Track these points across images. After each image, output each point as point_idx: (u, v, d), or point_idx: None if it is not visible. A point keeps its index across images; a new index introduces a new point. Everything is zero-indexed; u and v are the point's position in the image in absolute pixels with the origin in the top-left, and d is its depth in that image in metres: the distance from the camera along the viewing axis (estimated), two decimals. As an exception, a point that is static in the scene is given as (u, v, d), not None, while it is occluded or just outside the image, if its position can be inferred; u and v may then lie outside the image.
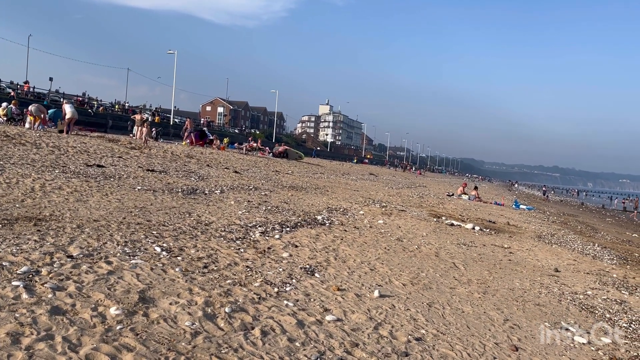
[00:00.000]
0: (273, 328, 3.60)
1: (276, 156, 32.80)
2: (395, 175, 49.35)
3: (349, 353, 3.43)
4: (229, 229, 6.91)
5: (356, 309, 4.41)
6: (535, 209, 27.36)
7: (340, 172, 31.73)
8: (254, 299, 4.13)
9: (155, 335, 3.11)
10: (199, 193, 10.06)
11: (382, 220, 10.68)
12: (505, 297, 5.89)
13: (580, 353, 4.35)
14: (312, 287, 4.85)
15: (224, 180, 13.33)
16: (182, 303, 3.71)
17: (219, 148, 28.17)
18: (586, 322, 5.38)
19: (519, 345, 4.24)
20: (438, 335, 4.11)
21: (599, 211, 43.57)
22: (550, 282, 7.12)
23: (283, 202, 10.93)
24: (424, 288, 5.63)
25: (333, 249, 6.90)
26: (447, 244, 9.06)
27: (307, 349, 3.37)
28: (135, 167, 12.72)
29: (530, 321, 5.07)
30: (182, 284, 4.14)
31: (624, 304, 6.37)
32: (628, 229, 23.46)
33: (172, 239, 5.71)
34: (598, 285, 7.43)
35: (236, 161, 21.83)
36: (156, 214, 7.06)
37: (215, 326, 3.44)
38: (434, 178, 67.20)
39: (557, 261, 9.13)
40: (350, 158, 74.53)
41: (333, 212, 10.66)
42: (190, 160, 17.59)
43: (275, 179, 17.17)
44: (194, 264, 4.84)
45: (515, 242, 10.93)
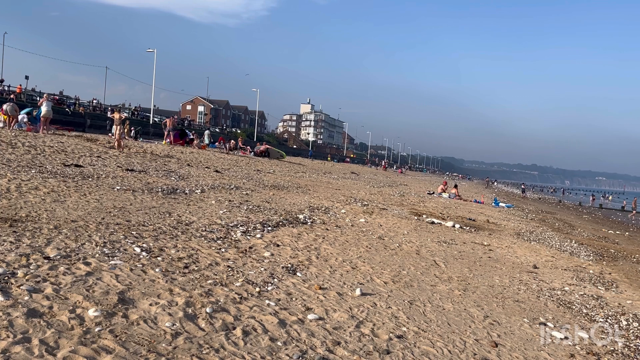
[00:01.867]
0: (255, 328, 3.59)
1: (258, 155, 32.70)
2: (377, 173, 49.55)
3: (330, 352, 3.44)
4: (209, 228, 6.86)
5: (338, 307, 4.41)
6: (514, 207, 27.74)
7: (322, 171, 31.75)
8: (235, 299, 4.11)
9: (134, 336, 3.08)
10: (179, 193, 9.98)
11: (364, 218, 10.72)
12: (485, 294, 5.95)
13: (558, 348, 4.42)
14: (294, 286, 4.84)
15: (205, 180, 13.23)
16: (162, 304, 3.67)
17: (200, 147, 27.96)
18: (564, 317, 5.47)
19: (499, 341, 4.29)
20: (419, 333, 4.14)
21: (576, 208, 44.36)
22: (529, 279, 7.22)
23: (265, 201, 10.89)
24: (405, 286, 5.67)
25: (315, 247, 6.90)
26: (428, 241, 9.13)
27: (289, 348, 3.36)
28: (114, 166, 12.56)
29: (510, 317, 5.14)
30: (162, 285, 4.11)
31: (601, 300, 6.50)
32: (604, 226, 23.92)
33: (152, 239, 5.65)
34: (575, 282, 7.56)
35: (217, 160, 21.69)
36: (136, 214, 6.97)
37: (196, 326, 3.42)
38: (415, 176, 67.67)
39: (536, 258, 9.26)
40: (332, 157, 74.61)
41: (315, 211, 10.66)
42: (170, 160, 17.43)
43: (257, 178, 17.11)
44: (175, 264, 4.80)
45: (495, 239, 11.06)
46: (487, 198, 30.16)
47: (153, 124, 48.58)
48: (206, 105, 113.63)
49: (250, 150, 34.61)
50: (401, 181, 38.78)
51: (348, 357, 3.40)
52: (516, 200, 39.84)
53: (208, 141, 33.79)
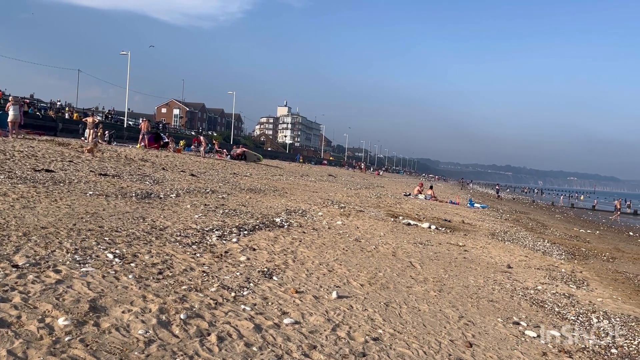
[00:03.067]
0: (230, 333, 3.56)
1: (234, 158, 32.49)
2: (354, 175, 49.74)
3: (306, 356, 3.43)
4: (184, 233, 6.79)
5: (314, 311, 4.41)
6: (489, 207, 28.15)
7: (299, 174, 31.72)
8: (210, 305, 4.07)
9: (106, 345, 3.02)
10: (153, 197, 9.85)
11: (341, 221, 10.74)
12: (460, 294, 6.02)
13: (531, 347, 4.49)
14: (270, 290, 4.82)
15: (180, 184, 13.09)
16: (135, 311, 3.61)
17: (175, 150, 27.67)
18: (536, 316, 5.56)
19: (473, 342, 4.34)
20: (395, 335, 4.16)
21: (549, 208, 45.25)
22: (503, 279, 7.33)
23: (241, 204, 10.83)
24: (382, 288, 5.69)
25: (291, 251, 6.88)
26: (404, 243, 9.20)
27: (265, 353, 3.34)
28: (87, 171, 12.34)
29: (484, 317, 5.20)
30: (135, 291, 4.04)
31: (572, 298, 6.63)
32: (576, 225, 24.45)
33: (125, 245, 5.56)
34: (548, 280, 7.70)
35: (193, 164, 21.49)
36: (109, 220, 6.85)
37: (170, 333, 3.37)
38: (392, 178, 68.13)
39: (510, 258, 9.41)
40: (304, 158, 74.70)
41: (292, 214, 10.64)
42: (144, 164, 17.20)
43: (233, 181, 17.00)
44: (148, 270, 4.73)
45: (470, 240, 11.20)
46: (463, 199, 30.53)
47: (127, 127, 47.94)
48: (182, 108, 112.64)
49: (227, 153, 34.37)
50: (378, 183, 39.00)
51: (324, 361, 3.39)
52: (491, 201, 40.44)
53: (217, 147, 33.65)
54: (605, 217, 39.32)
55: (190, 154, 28.91)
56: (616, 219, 37.30)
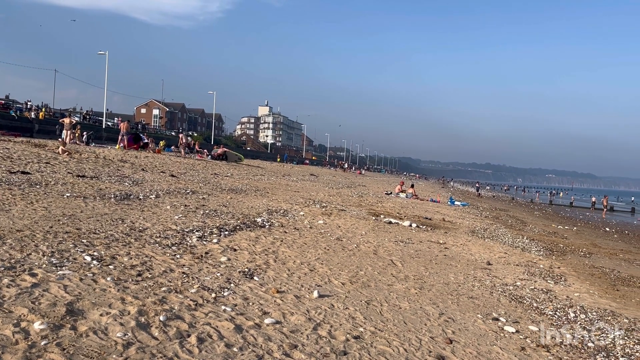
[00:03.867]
0: (210, 334, 3.54)
1: (215, 158, 32.28)
2: (336, 175, 49.80)
3: (287, 355, 3.42)
4: (164, 234, 6.73)
5: (295, 310, 4.40)
6: (469, 205, 28.44)
7: (281, 174, 31.65)
8: (190, 306, 4.04)
9: (83, 349, 2.98)
10: (133, 198, 9.74)
11: (322, 220, 10.75)
12: (440, 291, 6.07)
13: (509, 342, 4.55)
14: (251, 290, 4.80)
15: (160, 185, 12.97)
16: (113, 313, 3.57)
17: (155, 151, 27.39)
18: (515, 312, 5.63)
19: (453, 338, 4.38)
20: (376, 333, 4.17)
21: (528, 205, 45.88)
22: (483, 275, 7.41)
23: (222, 205, 10.77)
24: (363, 286, 5.71)
25: (273, 251, 6.87)
26: (385, 241, 9.24)
27: (245, 353, 3.33)
28: (64, 173, 12.14)
29: (464, 314, 5.25)
30: (114, 294, 3.99)
31: (550, 293, 6.73)
32: (554, 222, 24.83)
33: (103, 247, 5.49)
34: (526, 276, 7.81)
35: (173, 164, 21.30)
36: (86, 222, 6.76)
37: (149, 336, 3.34)
38: (373, 177, 68.40)
39: (489, 254, 9.52)
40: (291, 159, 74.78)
41: (273, 214, 10.61)
42: (124, 165, 16.99)
43: (214, 182, 16.90)
44: (127, 272, 4.67)
45: (451, 237, 11.30)
46: (443, 197, 30.78)
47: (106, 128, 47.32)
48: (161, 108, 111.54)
49: (208, 153, 34.14)
50: (360, 182, 39.13)
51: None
52: (471, 199, 40.84)
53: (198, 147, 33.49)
54: (583, 213, 40.02)
55: (171, 155, 28.64)
56: (604, 215, 37.96)
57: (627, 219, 39.02)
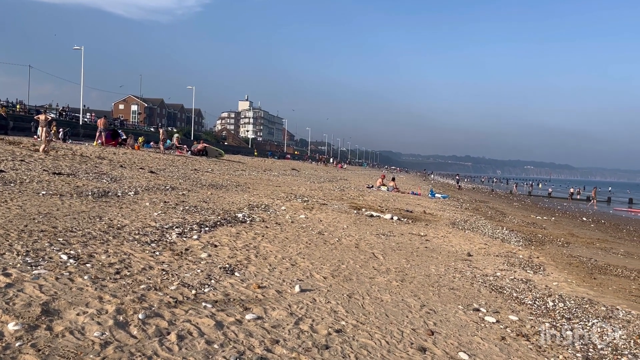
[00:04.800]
0: (190, 332, 3.49)
1: (195, 154, 32.00)
2: (317, 169, 49.78)
3: (269, 351, 3.40)
4: (143, 231, 6.63)
5: (277, 305, 4.38)
6: (450, 197, 28.67)
7: (262, 169, 31.53)
8: (170, 303, 3.98)
9: (59, 349, 2.91)
10: (111, 195, 9.58)
11: (304, 214, 10.73)
12: (422, 283, 6.10)
13: (490, 332, 4.59)
14: (231, 286, 4.76)
15: (139, 181, 12.79)
16: (90, 313, 3.50)
17: (134, 147, 27.03)
18: (496, 302, 5.69)
19: (435, 329, 4.40)
20: (358, 326, 4.17)
21: (507, 196, 46.49)
22: (464, 267, 7.47)
23: (202, 201, 10.67)
24: (344, 280, 5.71)
25: (254, 246, 6.83)
26: (367, 235, 9.26)
27: (226, 350, 3.30)
28: (39, 170, 11.90)
29: (445, 305, 5.29)
30: (91, 292, 3.92)
31: (529, 283, 6.82)
32: (532, 212, 25.19)
33: (80, 245, 5.39)
34: (506, 267, 7.90)
35: (152, 161, 21.05)
36: (63, 220, 6.63)
37: (127, 334, 3.28)
38: (355, 171, 68.52)
39: (470, 246, 9.61)
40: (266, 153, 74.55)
41: (254, 209, 10.55)
42: (102, 162, 16.74)
43: (194, 177, 16.74)
44: (105, 271, 4.59)
45: (431, 229, 11.37)
46: (424, 190, 31.00)
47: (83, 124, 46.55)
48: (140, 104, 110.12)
49: (187, 149, 33.80)
50: (341, 176, 39.16)
51: (287, 355, 3.37)
52: (451, 191, 41.20)
53: (177, 143, 33.07)
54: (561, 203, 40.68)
55: (150, 151, 28.30)
56: (593, 206, 38.47)
57: (604, 208, 39.80)
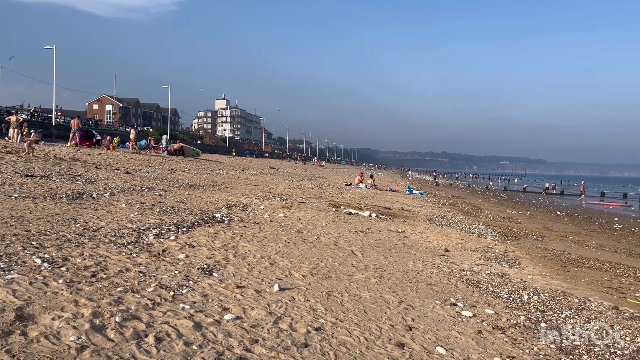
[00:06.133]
0: (168, 333, 3.47)
1: (171, 154, 31.68)
2: (296, 167, 49.76)
3: (248, 350, 3.40)
4: (119, 233, 6.55)
5: (256, 305, 4.38)
6: (427, 194, 28.96)
7: (240, 168, 31.39)
8: (147, 305, 3.95)
9: (34, 355, 2.87)
10: (86, 197, 9.44)
11: (283, 213, 10.72)
12: (400, 279, 6.16)
13: (467, 326, 4.66)
14: (210, 287, 4.74)
15: (115, 182, 12.62)
16: (66, 317, 3.45)
17: (109, 148, 26.63)
18: (472, 296, 5.78)
19: (413, 325, 4.45)
20: (337, 323, 4.20)
21: (484, 192, 47.13)
22: (441, 262, 7.57)
23: (179, 201, 10.58)
24: (323, 278, 5.73)
25: (232, 246, 6.80)
26: (346, 232, 9.30)
27: (205, 351, 3.29)
28: (11, 173, 11.64)
29: (423, 301, 5.35)
30: (66, 296, 3.86)
31: (505, 277, 6.94)
32: (508, 207, 25.59)
33: (54, 248, 5.30)
34: (483, 261, 8.02)
35: (128, 161, 20.77)
36: (36, 223, 6.50)
37: (104, 338, 3.25)
38: (333, 169, 68.69)
39: (447, 241, 9.72)
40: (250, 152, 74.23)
41: (232, 208, 10.51)
42: (76, 163, 16.45)
43: (171, 178, 16.58)
44: (80, 274, 4.53)
45: (409, 226, 11.48)
46: (402, 186, 31.24)
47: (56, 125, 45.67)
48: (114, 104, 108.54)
49: (164, 149, 33.43)
50: (320, 174, 39.21)
51: (266, 355, 3.38)
52: (429, 187, 41.61)
53: (166, 145, 32.71)
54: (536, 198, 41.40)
55: (126, 151, 27.91)
56: (582, 201, 39.05)
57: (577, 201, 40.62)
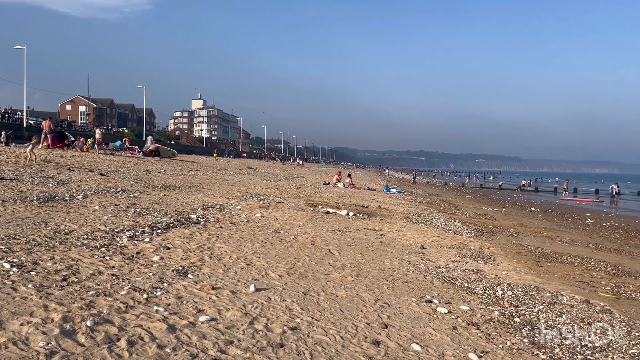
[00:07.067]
0: (141, 337, 3.42)
1: (147, 155, 31.27)
2: (274, 167, 49.60)
3: (223, 352, 3.37)
4: (92, 236, 6.44)
5: (231, 306, 4.35)
6: (404, 192, 29.17)
7: (217, 168, 31.15)
8: (120, 308, 3.89)
9: (1, 362, 2.80)
10: (58, 200, 9.25)
11: (260, 213, 10.67)
12: (376, 277, 6.18)
13: (442, 323, 4.70)
14: (185, 289, 4.69)
15: (88, 184, 12.40)
16: (35, 322, 3.38)
17: (82, 149, 26.17)
18: (448, 293, 5.83)
19: (389, 322, 4.47)
20: (313, 322, 4.19)
21: (460, 189, 47.67)
22: (417, 259, 7.62)
23: (154, 203, 10.44)
24: (300, 277, 5.72)
25: (208, 247, 6.74)
26: (323, 231, 9.31)
27: (179, 353, 3.25)
28: (-20, 175, 11.35)
29: (399, 298, 5.38)
30: (35, 301, 3.77)
31: (480, 273, 7.02)
32: (484, 204, 25.94)
33: (24, 252, 5.17)
34: (458, 258, 8.11)
35: (102, 163, 20.44)
36: (5, 227, 6.35)
37: (74, 343, 3.18)
38: (312, 168, 68.66)
39: (424, 239, 9.81)
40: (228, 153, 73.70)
41: (209, 209, 10.42)
42: (48, 165, 16.12)
43: (146, 179, 16.36)
44: (51, 278, 4.44)
45: (386, 224, 11.54)
46: (379, 185, 31.40)
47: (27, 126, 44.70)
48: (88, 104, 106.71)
49: (139, 150, 32.99)
50: (298, 173, 39.16)
51: (241, 356, 3.35)
52: (406, 185, 41.93)
53: (151, 145, 32.29)
54: (511, 194, 42.06)
55: (100, 153, 27.45)
56: (565, 197, 39.64)
57: (551, 198, 41.42)
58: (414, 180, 58.89)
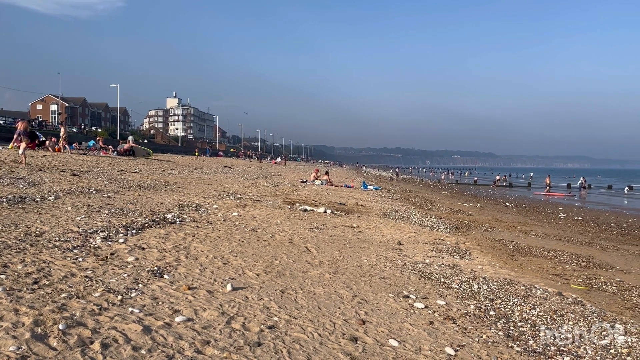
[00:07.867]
0: (116, 339, 3.37)
1: (121, 154, 30.79)
2: (251, 166, 49.36)
3: (199, 352, 3.34)
4: (65, 237, 6.31)
5: (208, 305, 4.31)
6: (381, 189, 29.34)
7: (193, 167, 30.86)
8: (94, 311, 3.82)
9: (-31, 368, 2.72)
10: (28, 201, 9.03)
11: (237, 212, 10.61)
12: (354, 274, 6.20)
13: (419, 318, 4.74)
14: (160, 289, 4.63)
15: (60, 185, 12.14)
16: (5, 327, 3.29)
17: (54, 149, 25.63)
18: (424, 288, 5.89)
19: (366, 319, 4.49)
20: (290, 320, 4.19)
21: (436, 185, 48.19)
22: (394, 255, 7.67)
23: (129, 203, 10.29)
24: (278, 275, 5.70)
25: (184, 247, 6.67)
26: (301, 229, 9.29)
27: (154, 355, 3.21)
28: (-54, 177, 11.02)
29: (377, 294, 5.41)
30: (5, 305, 3.68)
31: (456, 268, 7.10)
32: (460, 200, 26.25)
33: (-7, 255, 5.04)
34: (435, 253, 8.19)
35: (74, 163, 20.06)
36: (-26, 230, 6.18)
37: (46, 347, 3.11)
38: (289, 166, 68.53)
39: (400, 235, 9.88)
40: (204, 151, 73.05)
41: (185, 208, 10.31)
42: (18, 166, 15.75)
43: (121, 179, 16.11)
44: (21, 281, 4.33)
45: (364, 221, 11.59)
46: (357, 182, 31.53)
47: (-3, 126, 43.59)
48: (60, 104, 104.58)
49: (113, 149, 32.46)
50: (275, 172, 39.05)
51: (218, 356, 3.33)
52: (383, 182, 42.18)
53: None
54: (486, 190, 42.66)
55: (72, 153, 26.93)
56: (547, 193, 40.20)
57: (525, 193, 42.15)
58: (397, 177, 59.24)
